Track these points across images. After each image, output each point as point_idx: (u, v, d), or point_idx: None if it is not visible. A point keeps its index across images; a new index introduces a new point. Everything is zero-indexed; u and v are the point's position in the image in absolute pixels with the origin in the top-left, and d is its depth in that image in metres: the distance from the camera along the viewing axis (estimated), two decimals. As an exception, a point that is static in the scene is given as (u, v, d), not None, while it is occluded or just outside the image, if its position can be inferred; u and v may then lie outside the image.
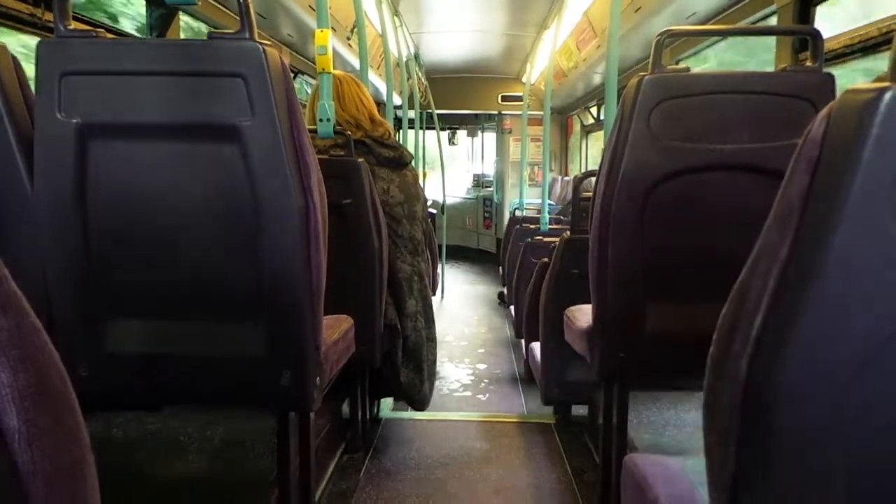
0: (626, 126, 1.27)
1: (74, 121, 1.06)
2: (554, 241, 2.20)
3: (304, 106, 4.43)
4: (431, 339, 2.17)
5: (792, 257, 0.53)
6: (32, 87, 1.09)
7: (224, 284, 1.15)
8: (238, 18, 1.05)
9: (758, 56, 3.21)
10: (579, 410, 2.44)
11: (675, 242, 1.32)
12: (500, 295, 5.35)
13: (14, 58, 1.10)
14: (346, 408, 2.15)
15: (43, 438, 0.45)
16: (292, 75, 4.19)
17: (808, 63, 1.28)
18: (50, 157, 1.08)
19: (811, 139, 0.53)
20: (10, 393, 0.43)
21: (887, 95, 0.47)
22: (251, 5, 1.05)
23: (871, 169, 0.48)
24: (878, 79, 0.51)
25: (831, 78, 1.25)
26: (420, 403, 2.17)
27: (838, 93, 0.89)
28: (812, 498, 0.55)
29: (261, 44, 1.04)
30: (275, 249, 1.11)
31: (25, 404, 0.44)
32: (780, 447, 0.56)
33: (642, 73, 1.27)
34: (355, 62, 3.63)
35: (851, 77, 2.12)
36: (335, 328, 1.47)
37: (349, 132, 1.85)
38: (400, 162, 2.03)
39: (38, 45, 1.05)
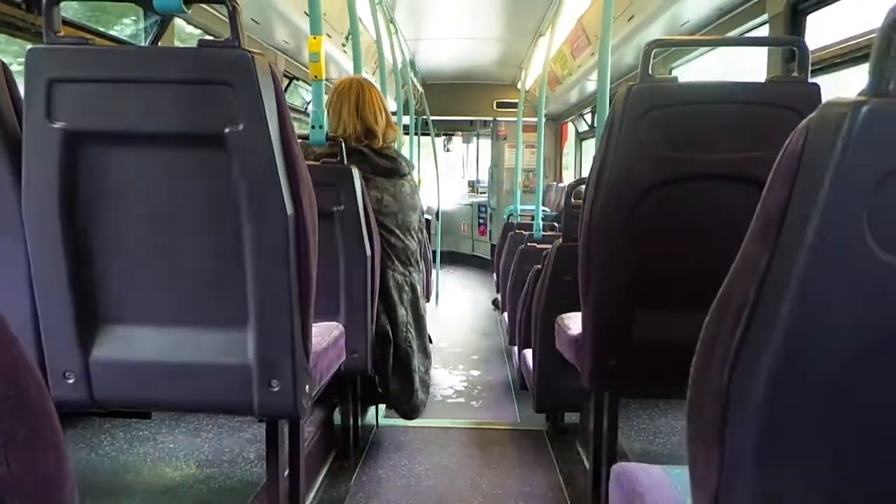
0: (615, 135, 1.28)
1: (62, 128, 1.06)
2: (547, 248, 2.20)
3: (301, 112, 4.40)
4: (422, 350, 2.15)
5: (771, 269, 0.53)
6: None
7: (212, 292, 1.15)
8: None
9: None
10: (572, 418, 2.44)
11: (662, 251, 1.33)
12: (495, 301, 5.34)
13: (3, 64, 1.10)
14: (337, 415, 2.14)
15: (19, 449, 0.45)
16: (287, 81, 4.15)
17: (796, 73, 1.30)
18: (37, 164, 1.07)
19: (790, 152, 0.53)
20: None
21: (863, 109, 0.47)
22: (240, 13, 1.05)
23: (847, 182, 0.48)
24: (861, 93, 0.52)
25: (817, 88, 1.26)
26: (410, 413, 2.16)
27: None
28: None
29: (250, 52, 1.04)
30: (264, 257, 1.11)
31: (1, 415, 0.43)
32: (761, 457, 0.56)
33: (630, 83, 1.27)
34: (350, 69, 3.63)
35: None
36: (325, 335, 1.47)
37: (343, 139, 1.85)
38: (397, 172, 2.02)
39: (27, 52, 1.05)
